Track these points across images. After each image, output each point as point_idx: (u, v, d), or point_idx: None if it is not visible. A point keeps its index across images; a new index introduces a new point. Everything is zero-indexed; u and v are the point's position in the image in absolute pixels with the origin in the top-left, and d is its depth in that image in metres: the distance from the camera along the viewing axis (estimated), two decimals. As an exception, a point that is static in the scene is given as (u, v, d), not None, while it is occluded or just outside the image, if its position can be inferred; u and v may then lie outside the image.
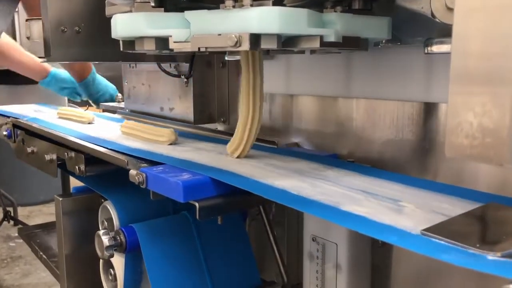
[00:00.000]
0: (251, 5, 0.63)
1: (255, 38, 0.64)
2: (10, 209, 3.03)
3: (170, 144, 1.03)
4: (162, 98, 1.43)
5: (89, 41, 1.09)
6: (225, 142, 0.94)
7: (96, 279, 1.09)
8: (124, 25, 0.72)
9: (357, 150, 0.95)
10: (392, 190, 0.70)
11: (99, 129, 1.27)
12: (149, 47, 0.72)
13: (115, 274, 1.03)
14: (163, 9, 0.73)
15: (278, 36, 0.64)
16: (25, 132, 1.36)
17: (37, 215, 3.34)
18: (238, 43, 0.63)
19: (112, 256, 0.94)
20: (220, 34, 0.65)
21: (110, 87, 1.88)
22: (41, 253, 1.49)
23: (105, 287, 1.08)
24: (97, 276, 1.09)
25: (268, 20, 0.62)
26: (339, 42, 0.69)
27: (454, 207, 0.61)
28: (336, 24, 0.68)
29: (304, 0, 0.75)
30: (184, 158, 0.89)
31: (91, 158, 1.02)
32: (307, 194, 0.67)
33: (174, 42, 0.69)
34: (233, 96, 1.26)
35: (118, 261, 1.00)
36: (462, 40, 0.41)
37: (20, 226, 2.77)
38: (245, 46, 0.63)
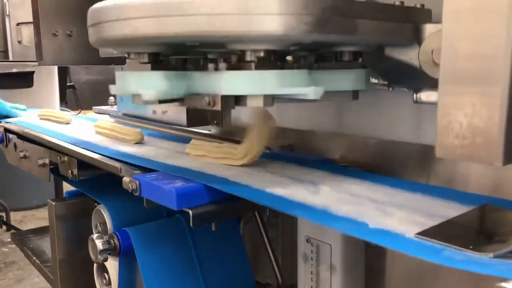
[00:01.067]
0: (227, 69, 0.68)
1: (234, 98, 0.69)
2: (3, 214, 3.01)
3: (136, 143, 1.09)
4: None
5: (81, 44, 1.09)
6: (187, 140, 1.02)
7: (90, 283, 1.09)
8: (118, 84, 0.77)
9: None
10: (317, 177, 0.80)
11: (75, 128, 1.34)
12: (138, 103, 0.75)
13: (109, 278, 1.02)
14: (150, 65, 0.75)
15: (265, 97, 0.68)
16: (18, 136, 1.36)
17: (30, 220, 3.31)
18: (211, 103, 0.69)
19: (106, 260, 0.94)
20: (199, 95, 0.70)
21: None
22: (34, 258, 1.48)
23: (99, 291, 1.08)
24: (91, 280, 1.08)
25: (235, 83, 0.66)
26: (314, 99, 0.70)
27: (363, 189, 0.72)
28: (310, 82, 0.70)
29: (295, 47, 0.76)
30: (140, 156, 0.96)
31: (84, 162, 1.02)
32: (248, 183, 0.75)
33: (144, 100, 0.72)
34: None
35: (112, 265, 0.99)
36: (451, 41, 0.42)
37: (13, 231, 2.75)
38: (218, 106, 0.68)
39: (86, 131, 1.27)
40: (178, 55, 0.84)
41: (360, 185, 0.76)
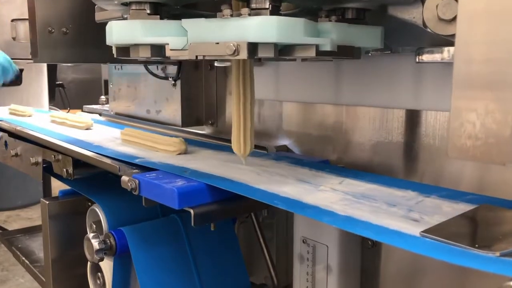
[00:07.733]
0: (249, 15, 0.64)
1: (253, 47, 0.64)
2: (-13, 214, 2.96)
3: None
4: (149, 100, 1.42)
5: (76, 42, 1.08)
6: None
7: (83, 283, 1.07)
8: (121, 32, 0.72)
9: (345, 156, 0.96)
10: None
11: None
12: (144, 54, 0.72)
13: (103, 278, 1.01)
14: (158, 16, 0.73)
15: (275, 45, 0.65)
16: (9, 134, 1.34)
17: (15, 220, 3.26)
18: (236, 51, 0.63)
19: (102, 259, 0.93)
20: (218, 43, 0.65)
21: None
22: (23, 258, 1.46)
23: (92, 291, 1.07)
24: (84, 280, 1.07)
25: (266, 30, 0.63)
26: (334, 51, 0.70)
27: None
28: (331, 33, 0.69)
29: (298, 8, 0.76)
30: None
31: (79, 161, 1.00)
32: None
33: (171, 49, 0.69)
34: (221, 98, 1.26)
35: (107, 265, 0.99)
36: (465, 46, 0.42)
37: (-1, 231, 2.70)
38: (243, 54, 0.63)
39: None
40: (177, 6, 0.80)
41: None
